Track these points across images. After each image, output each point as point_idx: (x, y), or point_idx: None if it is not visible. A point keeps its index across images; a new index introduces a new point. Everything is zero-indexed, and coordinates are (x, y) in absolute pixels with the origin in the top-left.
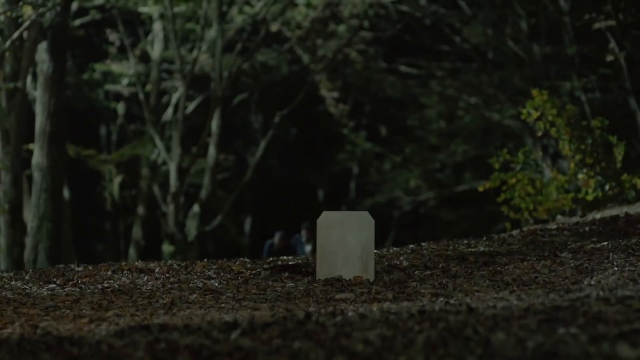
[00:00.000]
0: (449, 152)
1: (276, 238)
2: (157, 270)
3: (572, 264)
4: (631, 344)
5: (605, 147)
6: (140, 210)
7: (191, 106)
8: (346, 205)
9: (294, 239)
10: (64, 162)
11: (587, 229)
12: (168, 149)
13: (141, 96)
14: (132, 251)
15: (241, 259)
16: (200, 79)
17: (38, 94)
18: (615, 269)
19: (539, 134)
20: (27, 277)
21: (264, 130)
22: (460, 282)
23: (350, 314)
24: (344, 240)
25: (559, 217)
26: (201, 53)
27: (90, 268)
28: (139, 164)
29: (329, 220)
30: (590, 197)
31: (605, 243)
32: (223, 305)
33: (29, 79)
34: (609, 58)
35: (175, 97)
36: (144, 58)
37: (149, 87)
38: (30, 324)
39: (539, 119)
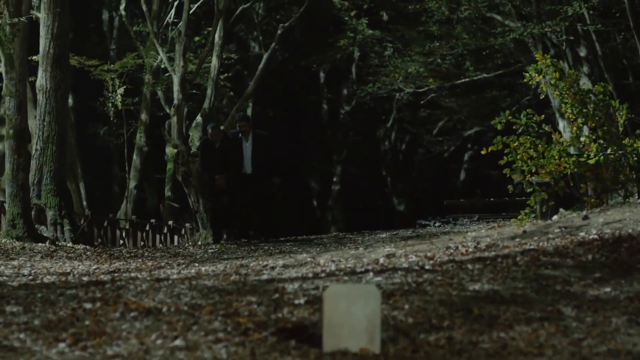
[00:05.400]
0: (450, 43)
1: (209, 131)
2: (164, 310)
3: (575, 336)
4: None
5: (606, 111)
6: (144, 116)
7: (194, 7)
8: (347, 89)
9: (231, 132)
10: (68, 84)
11: (589, 257)
12: (170, 59)
13: (144, 7)
14: (135, 158)
15: (247, 298)
16: None
17: (41, 17)
18: None
19: (542, 96)
20: (36, 322)
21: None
22: None
23: None
24: (350, 313)
25: (561, 210)
26: None
27: (98, 308)
28: (141, 70)
29: (335, 293)
30: (592, 161)
31: (609, 289)
32: None
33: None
34: None
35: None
36: None
37: None
38: None
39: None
